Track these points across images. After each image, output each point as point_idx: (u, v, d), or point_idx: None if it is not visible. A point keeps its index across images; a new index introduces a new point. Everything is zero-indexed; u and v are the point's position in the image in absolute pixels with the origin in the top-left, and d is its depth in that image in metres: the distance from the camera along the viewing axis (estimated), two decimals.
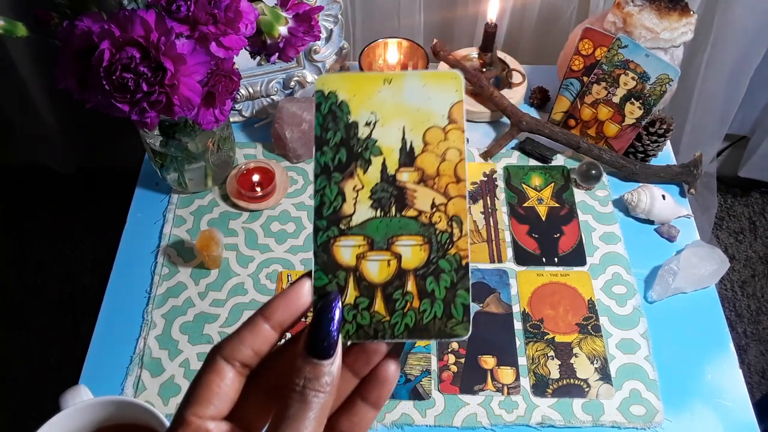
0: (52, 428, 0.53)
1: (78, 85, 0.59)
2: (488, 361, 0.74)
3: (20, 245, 1.58)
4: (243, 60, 0.78)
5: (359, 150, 0.31)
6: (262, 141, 0.95)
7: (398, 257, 0.31)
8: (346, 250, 0.31)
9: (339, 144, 0.31)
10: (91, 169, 1.59)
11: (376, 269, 0.31)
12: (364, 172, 0.31)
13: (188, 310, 0.78)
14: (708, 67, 1.20)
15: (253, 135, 0.96)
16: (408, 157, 0.31)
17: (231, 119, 0.94)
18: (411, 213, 0.31)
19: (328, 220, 0.31)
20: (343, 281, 0.30)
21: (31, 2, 1.04)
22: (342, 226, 0.31)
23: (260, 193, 0.87)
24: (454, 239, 0.31)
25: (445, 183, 0.31)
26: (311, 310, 0.30)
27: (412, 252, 0.31)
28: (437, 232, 0.31)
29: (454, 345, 0.75)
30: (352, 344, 0.30)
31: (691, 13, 0.87)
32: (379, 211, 0.31)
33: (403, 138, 0.31)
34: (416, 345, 0.75)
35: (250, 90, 0.94)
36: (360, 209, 0.31)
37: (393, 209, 0.31)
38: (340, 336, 0.29)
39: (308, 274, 0.31)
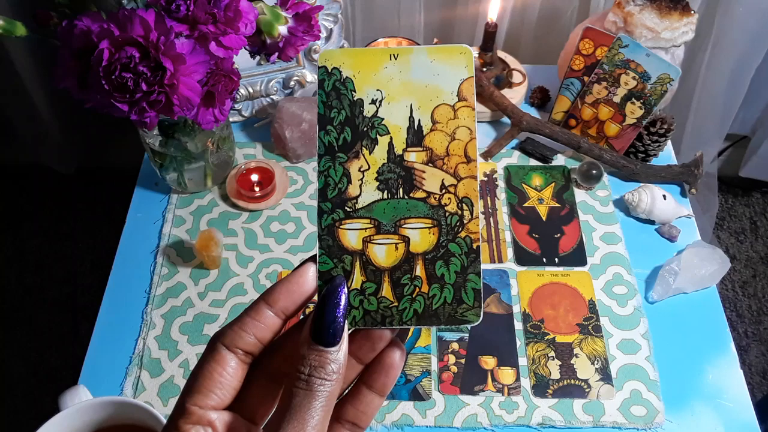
0: (52, 428, 0.53)
1: (77, 84, 0.58)
2: (488, 362, 0.74)
3: (20, 245, 1.58)
4: (243, 59, 0.78)
5: (365, 129, 0.30)
6: (262, 141, 0.95)
7: (406, 240, 0.30)
8: (351, 234, 0.30)
9: (343, 123, 0.30)
10: (90, 169, 1.58)
11: (384, 253, 0.30)
12: (370, 153, 0.30)
13: (188, 311, 0.78)
14: (709, 66, 1.20)
15: (253, 135, 0.96)
16: (416, 137, 0.30)
17: (230, 119, 0.94)
18: (419, 195, 0.30)
19: (333, 203, 0.30)
20: (349, 266, 0.30)
21: (30, 2, 1.03)
22: (347, 209, 0.30)
23: (260, 193, 0.86)
24: (465, 221, 0.30)
25: (454, 163, 0.30)
26: (316, 295, 0.29)
27: (420, 235, 0.30)
28: (447, 214, 0.30)
29: (455, 345, 0.74)
30: (355, 330, 0.29)
31: (692, 12, 0.87)
32: (386, 192, 0.30)
33: (411, 116, 0.30)
34: (416, 345, 0.75)
35: (250, 90, 0.94)
36: (366, 191, 0.30)
37: (401, 191, 0.30)
38: (346, 322, 0.28)
39: (312, 259, 0.30)
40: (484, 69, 0.98)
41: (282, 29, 0.65)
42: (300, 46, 0.66)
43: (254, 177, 0.88)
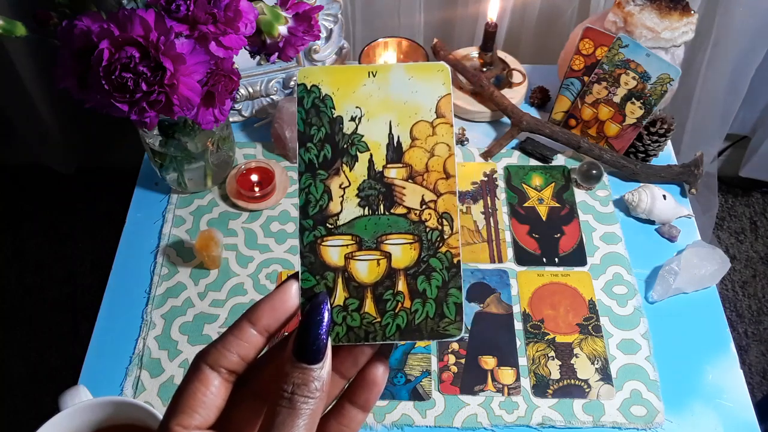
0: (52, 428, 0.53)
1: (77, 84, 0.58)
2: (488, 362, 0.74)
3: (20, 245, 1.58)
4: (243, 59, 0.78)
5: (345, 146, 0.30)
6: (262, 141, 0.95)
7: (388, 256, 0.30)
8: (333, 250, 0.30)
9: (323, 140, 0.30)
10: (90, 169, 1.59)
11: (366, 269, 0.30)
12: (351, 169, 0.30)
13: (188, 311, 0.78)
14: (709, 66, 1.20)
15: (253, 135, 0.96)
16: (396, 153, 0.30)
17: (230, 119, 0.94)
18: (400, 210, 0.30)
19: (315, 220, 0.30)
20: (332, 282, 0.30)
21: (30, 2, 1.03)
22: (329, 225, 0.30)
23: (260, 193, 0.86)
24: (445, 237, 0.30)
25: (434, 179, 0.30)
26: (299, 312, 0.29)
27: (402, 251, 0.30)
28: (427, 229, 0.30)
29: (455, 345, 0.74)
30: (338, 346, 0.30)
31: (692, 12, 0.87)
32: (366, 209, 0.30)
33: (390, 133, 0.30)
34: (416, 345, 0.75)
35: (250, 90, 0.94)
36: (347, 207, 0.30)
37: (381, 207, 0.30)
38: (330, 339, 0.28)
39: (295, 276, 0.30)
40: (484, 69, 0.98)
41: (282, 29, 0.65)
42: (300, 46, 0.66)
43: (254, 177, 0.88)
